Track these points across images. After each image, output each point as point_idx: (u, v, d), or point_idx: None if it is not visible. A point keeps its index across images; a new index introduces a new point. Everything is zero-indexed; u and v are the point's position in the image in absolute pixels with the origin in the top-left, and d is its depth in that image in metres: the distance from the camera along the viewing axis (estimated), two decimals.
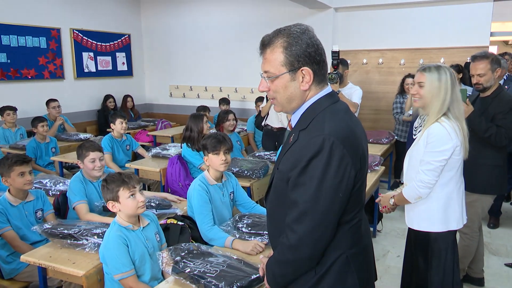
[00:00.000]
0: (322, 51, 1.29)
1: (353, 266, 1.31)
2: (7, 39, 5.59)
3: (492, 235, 4.06)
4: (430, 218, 2.19)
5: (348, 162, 1.20)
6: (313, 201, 1.20)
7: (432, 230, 2.21)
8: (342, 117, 1.28)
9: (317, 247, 1.24)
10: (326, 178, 1.18)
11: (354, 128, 1.28)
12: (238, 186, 2.77)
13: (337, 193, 1.20)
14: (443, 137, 2.05)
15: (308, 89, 1.30)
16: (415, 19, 5.52)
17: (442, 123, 2.07)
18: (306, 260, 1.27)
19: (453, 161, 2.12)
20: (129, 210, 2.06)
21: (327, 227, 1.23)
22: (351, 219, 1.31)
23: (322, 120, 1.24)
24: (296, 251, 1.24)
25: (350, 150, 1.21)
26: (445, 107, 2.09)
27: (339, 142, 1.18)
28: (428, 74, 2.13)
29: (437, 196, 2.17)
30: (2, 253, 2.54)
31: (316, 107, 1.29)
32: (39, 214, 2.68)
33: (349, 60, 5.98)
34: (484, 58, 2.78)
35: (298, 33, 1.26)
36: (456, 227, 2.23)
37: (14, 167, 2.54)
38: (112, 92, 6.96)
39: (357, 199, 1.31)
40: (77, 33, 6.54)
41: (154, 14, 7.58)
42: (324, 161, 1.18)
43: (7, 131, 5.04)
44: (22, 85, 5.85)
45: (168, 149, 4.26)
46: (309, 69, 1.27)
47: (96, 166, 2.80)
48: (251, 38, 6.57)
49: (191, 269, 1.83)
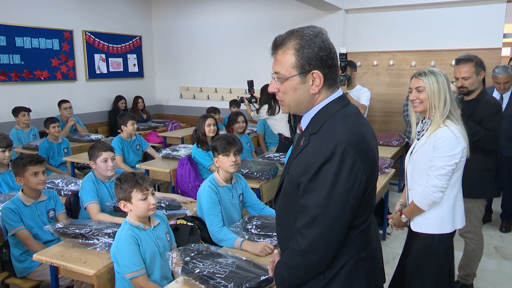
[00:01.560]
0: (334, 55, 1.28)
1: (361, 270, 1.30)
2: (21, 41, 5.68)
3: (504, 239, 4.01)
4: (442, 221, 2.18)
5: (360, 167, 1.20)
6: (324, 207, 1.19)
7: (443, 232, 2.19)
8: (353, 121, 1.27)
9: (327, 252, 1.24)
10: (337, 184, 1.18)
11: (365, 133, 1.27)
12: (247, 187, 2.78)
13: (348, 198, 1.19)
14: (453, 141, 2.05)
15: (317, 93, 1.29)
16: (426, 21, 5.48)
17: (451, 128, 2.07)
18: (315, 266, 1.26)
19: (460, 163, 2.12)
20: (140, 212, 2.08)
21: (338, 232, 1.22)
22: (361, 224, 1.30)
23: (334, 125, 1.24)
24: (306, 256, 1.24)
25: (362, 156, 1.20)
26: (448, 108, 2.09)
27: (351, 147, 1.18)
28: (425, 78, 2.12)
29: (447, 198, 2.16)
30: (15, 252, 2.58)
31: (327, 110, 1.29)
32: (51, 213, 2.72)
33: (359, 62, 5.97)
34: (468, 61, 2.78)
35: (311, 36, 1.25)
36: (460, 226, 2.24)
37: (28, 167, 2.57)
38: (123, 93, 7.02)
39: (367, 204, 1.31)
40: (89, 35, 6.62)
41: (165, 16, 7.63)
42: (336, 167, 1.17)
43: (21, 132, 5.12)
44: (35, 86, 5.93)
45: (178, 150, 4.28)
46: (319, 73, 1.26)
47: (109, 166, 2.83)
48: (261, 39, 6.59)
49: (201, 269, 1.84)
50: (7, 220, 2.51)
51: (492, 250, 3.76)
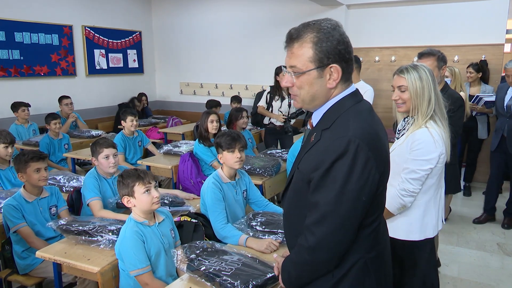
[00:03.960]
0: (351, 48, 1.26)
1: (371, 270, 1.28)
2: (20, 36, 5.64)
3: (506, 235, 4.01)
4: (409, 226, 2.07)
5: (373, 165, 1.17)
6: (335, 204, 1.16)
7: (410, 238, 2.08)
8: (365, 118, 1.24)
9: (336, 250, 1.21)
10: (350, 181, 1.15)
11: (378, 130, 1.25)
12: (251, 184, 2.76)
13: (360, 196, 1.17)
14: (430, 145, 1.93)
15: (334, 87, 1.26)
16: (428, 16, 5.46)
17: (430, 130, 1.94)
18: (323, 264, 1.24)
19: (436, 169, 2.00)
20: (143, 206, 2.06)
21: (348, 231, 1.20)
22: (371, 223, 1.28)
23: (347, 121, 1.21)
24: (314, 253, 1.21)
25: (375, 153, 1.18)
26: (432, 107, 1.97)
27: (364, 144, 1.15)
28: (407, 76, 1.99)
29: (417, 204, 2.05)
30: (17, 249, 2.56)
31: (340, 106, 1.26)
32: (53, 210, 2.70)
33: (361, 57, 5.94)
34: (430, 55, 2.80)
35: (329, 29, 1.22)
36: (432, 235, 2.11)
37: (30, 163, 2.55)
38: (123, 89, 7.02)
39: (379, 202, 1.29)
40: (89, 30, 6.57)
41: (165, 11, 7.59)
42: (349, 164, 1.14)
43: (20, 127, 5.09)
44: (35, 82, 5.90)
45: (180, 146, 4.26)
46: (338, 67, 1.23)
47: (111, 163, 2.81)
48: (262, 35, 6.55)
49: (206, 267, 1.82)
50: (9, 217, 2.48)
51: (495, 247, 3.75)
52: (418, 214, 2.06)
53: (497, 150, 4.11)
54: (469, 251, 3.66)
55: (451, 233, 4.01)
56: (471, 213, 4.50)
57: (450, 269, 3.32)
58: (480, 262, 3.47)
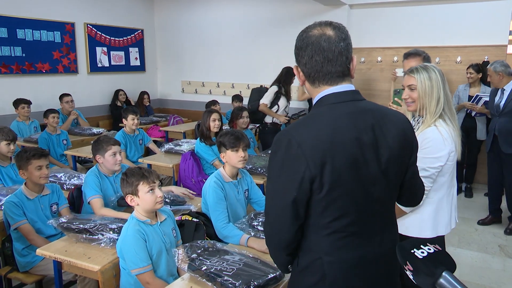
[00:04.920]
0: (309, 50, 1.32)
1: (328, 274, 1.24)
2: (22, 33, 5.63)
3: (508, 237, 3.99)
4: (421, 224, 2.10)
5: (302, 163, 1.16)
6: (269, 195, 1.27)
7: (422, 236, 2.10)
8: (321, 119, 1.22)
9: (280, 238, 1.27)
10: (280, 175, 1.22)
11: (332, 133, 1.18)
12: (252, 183, 2.76)
13: (289, 190, 1.19)
14: (439, 143, 1.96)
15: (304, 85, 1.36)
16: (431, 17, 5.44)
17: (439, 128, 1.97)
18: (276, 249, 1.32)
19: (447, 167, 2.02)
20: (147, 205, 2.05)
21: (282, 222, 1.24)
22: (329, 224, 1.22)
23: (304, 118, 1.27)
24: (267, 240, 1.33)
25: (307, 152, 1.16)
26: (441, 106, 2.00)
27: (295, 141, 1.18)
28: (417, 75, 2.03)
29: (430, 201, 2.08)
30: (17, 246, 2.56)
31: (317, 104, 1.30)
32: (54, 208, 2.69)
33: (363, 57, 5.93)
34: (416, 55, 2.85)
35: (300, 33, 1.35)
36: (444, 232, 2.15)
37: (31, 160, 2.55)
38: (124, 87, 6.98)
39: (334, 207, 1.21)
40: (91, 27, 6.56)
41: (167, 10, 7.57)
42: (281, 158, 1.21)
43: (21, 124, 5.08)
44: (36, 79, 5.89)
45: (181, 145, 4.26)
46: (296, 67, 1.34)
47: (117, 160, 2.82)
48: (264, 34, 6.54)
49: (208, 267, 1.81)
50: (10, 214, 2.48)
51: (496, 249, 3.75)
52: (431, 211, 2.09)
53: (491, 150, 4.14)
54: (471, 252, 3.65)
55: (452, 234, 4.00)
56: (472, 215, 4.49)
57: None
58: (482, 264, 3.46)
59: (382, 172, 1.25)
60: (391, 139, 1.26)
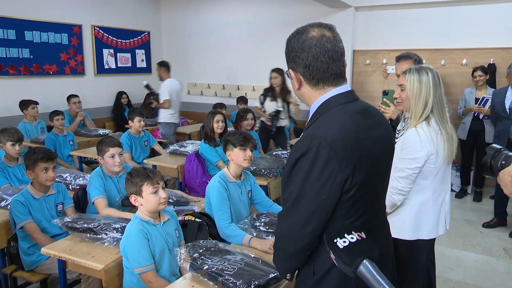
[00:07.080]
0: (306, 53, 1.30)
1: (353, 277, 1.25)
2: (30, 35, 5.70)
3: None
4: (401, 225, 2.09)
5: (335, 165, 1.15)
6: (295, 200, 1.20)
7: (401, 237, 2.09)
8: (341, 119, 1.21)
9: (297, 245, 1.22)
10: (309, 178, 1.17)
11: (354, 131, 1.20)
12: (256, 184, 2.77)
13: (319, 194, 1.16)
14: (417, 144, 1.97)
15: (300, 88, 1.32)
16: (437, 19, 5.43)
17: (418, 129, 1.98)
18: (290, 255, 1.26)
19: (427, 169, 2.02)
20: (150, 206, 2.08)
21: (306, 226, 1.19)
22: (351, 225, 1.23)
23: (322, 120, 1.23)
24: (280, 244, 1.27)
25: (341, 154, 1.15)
26: (428, 110, 1.99)
27: (327, 143, 1.14)
28: (408, 76, 2.04)
29: (411, 204, 2.08)
30: (23, 245, 2.58)
31: (325, 106, 1.26)
32: (60, 207, 2.72)
33: (368, 60, 5.92)
34: (408, 58, 2.85)
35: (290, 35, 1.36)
36: (427, 237, 2.11)
37: (39, 162, 2.57)
38: (131, 89, 7.04)
39: (357, 205, 1.22)
40: (98, 29, 6.63)
41: (174, 12, 7.62)
42: (309, 161, 1.16)
43: (28, 125, 5.14)
44: (44, 81, 5.96)
45: (186, 146, 4.29)
46: (291, 71, 1.31)
47: (116, 162, 2.83)
48: (270, 36, 6.56)
49: (209, 266, 1.83)
50: (16, 213, 2.51)
51: (501, 252, 3.72)
52: (412, 214, 2.09)
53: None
54: (475, 255, 3.63)
55: (457, 237, 3.98)
56: (478, 218, 4.47)
57: (455, 273, 3.30)
58: (486, 266, 3.45)
59: (387, 168, 1.32)
60: (385, 137, 1.32)
